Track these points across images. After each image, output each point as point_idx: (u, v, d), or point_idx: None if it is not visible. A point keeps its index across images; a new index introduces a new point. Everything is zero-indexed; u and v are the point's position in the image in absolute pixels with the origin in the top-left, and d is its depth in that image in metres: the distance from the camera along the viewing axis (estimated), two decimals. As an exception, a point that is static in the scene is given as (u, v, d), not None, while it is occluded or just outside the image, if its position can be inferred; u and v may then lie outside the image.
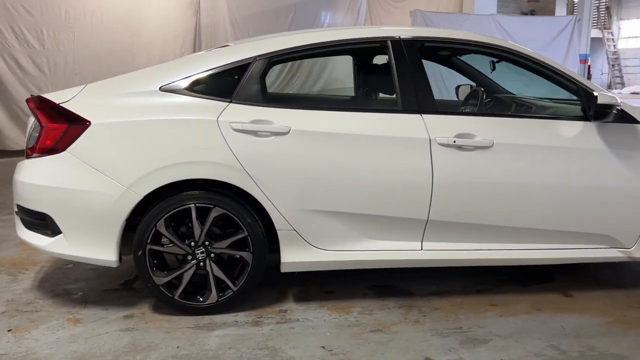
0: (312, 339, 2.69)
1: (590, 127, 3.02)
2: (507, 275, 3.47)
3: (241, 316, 2.92)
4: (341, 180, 2.88)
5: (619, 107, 2.92)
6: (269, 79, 9.54)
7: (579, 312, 2.99)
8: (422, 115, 2.94)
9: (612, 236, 3.10)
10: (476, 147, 2.92)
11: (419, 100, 2.97)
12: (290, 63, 8.97)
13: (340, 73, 10.36)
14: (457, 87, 4.16)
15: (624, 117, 3.04)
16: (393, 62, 3.03)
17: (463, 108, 3.53)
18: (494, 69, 3.83)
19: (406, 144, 2.90)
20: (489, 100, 3.83)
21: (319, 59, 9.47)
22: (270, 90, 5.49)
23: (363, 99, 4.00)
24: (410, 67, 3.01)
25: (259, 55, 2.97)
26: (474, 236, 3.04)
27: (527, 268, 3.46)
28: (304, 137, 2.84)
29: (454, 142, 2.90)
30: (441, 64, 4.44)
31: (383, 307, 3.04)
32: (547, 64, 3.12)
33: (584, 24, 15.28)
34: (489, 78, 3.87)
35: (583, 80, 3.13)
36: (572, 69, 9.83)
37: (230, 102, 2.86)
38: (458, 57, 3.87)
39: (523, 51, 3.14)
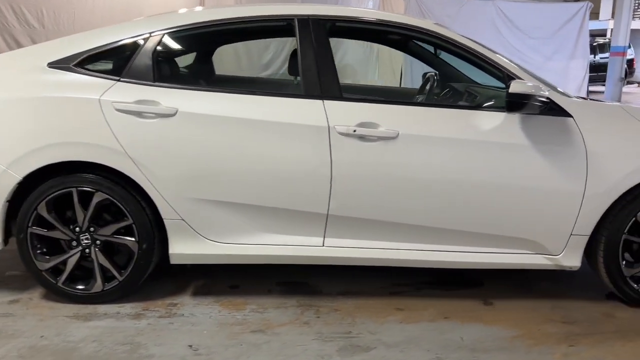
0: (184, 337, 2.53)
1: (512, 119, 2.72)
2: (434, 277, 3.22)
3: (127, 307, 2.78)
4: (231, 168, 2.69)
5: (541, 98, 2.60)
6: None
7: (489, 322, 2.72)
8: (324, 101, 2.71)
9: (536, 241, 2.80)
10: (379, 138, 2.68)
11: (323, 85, 2.73)
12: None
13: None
14: (424, 75, 3.89)
15: (555, 109, 2.73)
16: (298, 42, 2.80)
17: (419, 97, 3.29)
18: (436, 53, 3.56)
19: (303, 132, 2.68)
20: (438, 89, 3.57)
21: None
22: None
23: (265, 81, 3.74)
24: (315, 48, 2.77)
25: (153, 31, 2.79)
26: (379, 234, 2.80)
27: (458, 271, 3.21)
28: (191, 120, 2.65)
29: (354, 131, 2.66)
30: (397, 48, 4.19)
31: (280, 306, 2.84)
32: (470, 47, 2.83)
33: (624, 14, 14.44)
34: (451, 66, 3.60)
35: (511, 66, 2.82)
36: (581, 60, 9.26)
37: (119, 80, 2.71)
38: (416, 42, 3.59)
39: (444, 33, 2.85)
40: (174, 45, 3.05)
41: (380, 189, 2.72)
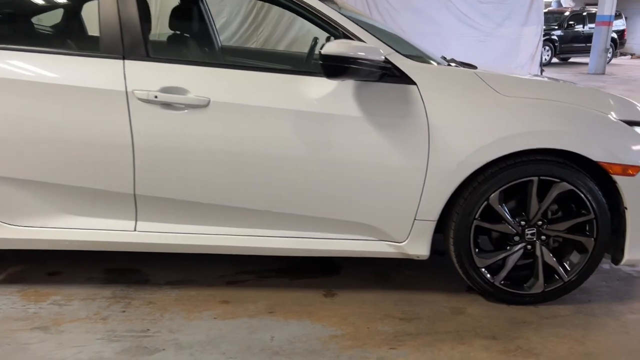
0: (-50, 334, 2.20)
1: (346, 87, 2.34)
2: (288, 264, 2.89)
3: None
4: (12, 138, 2.32)
5: (366, 61, 2.21)
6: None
7: (317, 318, 2.39)
8: (126, 61, 2.33)
9: (376, 226, 2.45)
10: (187, 106, 2.30)
11: (125, 42, 2.34)
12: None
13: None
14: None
15: (397, 75, 2.35)
16: None
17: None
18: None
19: (99, 98, 2.30)
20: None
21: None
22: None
23: (67, 37, 3.23)
24: None
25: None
26: (195, 218, 2.45)
27: (319, 257, 2.87)
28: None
29: (156, 97, 2.29)
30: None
31: (89, 297, 2.51)
32: (298, 1, 2.43)
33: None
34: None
35: (352, 26, 2.42)
36: (535, 27, 8.74)
37: None
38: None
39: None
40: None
41: (190, 166, 2.35)
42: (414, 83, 2.35)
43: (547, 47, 18.17)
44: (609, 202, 2.44)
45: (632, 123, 2.44)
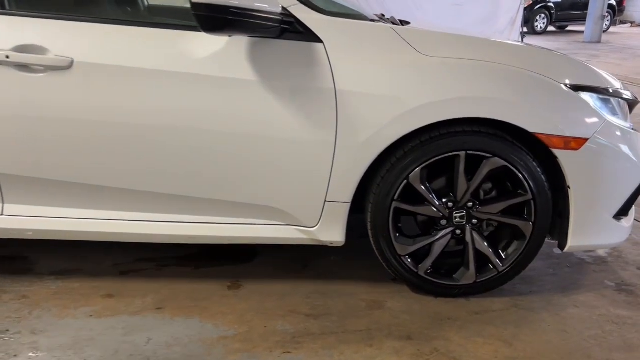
0: None
1: (238, 44, 1.97)
2: (198, 250, 2.57)
3: None
4: None
5: (255, 12, 1.83)
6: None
7: (210, 315, 2.07)
8: (-19, 16, 1.96)
9: (282, 210, 2.12)
10: (47, 68, 1.94)
11: None
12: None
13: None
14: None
15: (301, 31, 1.98)
16: None
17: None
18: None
19: (-58, 60, 1.94)
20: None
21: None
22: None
23: None
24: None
25: None
26: (73, 200, 2.11)
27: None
28: None
29: (7, 57, 1.93)
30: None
31: (-46, 290, 2.20)
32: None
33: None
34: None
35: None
36: None
37: None
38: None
39: None
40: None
41: (54, 139, 2.00)
42: (320, 41, 1.99)
43: (542, 15, 17.59)
44: (554, 181, 2.11)
45: (582, 89, 2.08)
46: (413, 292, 2.26)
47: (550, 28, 18.06)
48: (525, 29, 16.42)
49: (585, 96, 2.06)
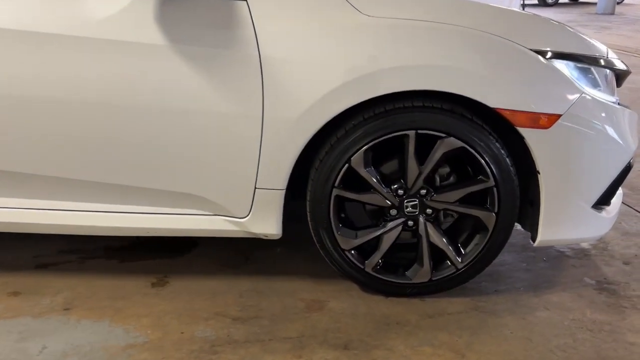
0: None
1: (145, 3, 1.68)
2: (135, 240, 2.31)
3: None
4: None
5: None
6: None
7: (119, 318, 1.80)
8: None
9: (206, 197, 1.84)
10: None
11: None
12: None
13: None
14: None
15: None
16: None
17: None
18: None
19: None
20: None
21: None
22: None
23: None
24: None
25: None
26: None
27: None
28: None
29: None
30: None
31: None
32: None
33: None
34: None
35: None
36: None
37: None
38: None
39: None
40: None
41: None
42: (243, -1, 1.69)
43: (555, -15, 16.95)
44: (525, 164, 1.80)
45: (556, 55, 1.75)
46: (362, 291, 1.98)
47: (563, 0, 17.47)
48: (536, 1, 15.94)
49: (559, 64, 1.74)
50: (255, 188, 1.81)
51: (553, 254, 2.29)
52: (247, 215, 1.86)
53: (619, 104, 1.91)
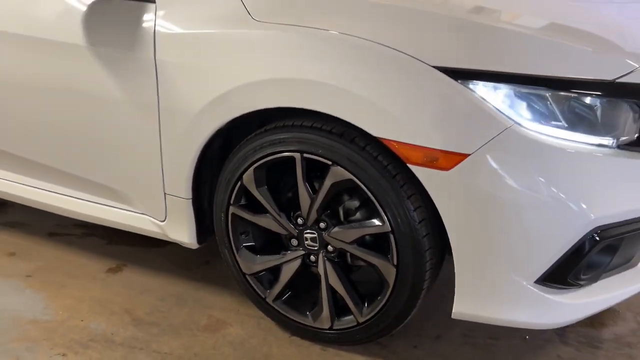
0: None
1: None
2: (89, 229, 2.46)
3: None
4: None
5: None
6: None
7: (55, 296, 1.95)
8: None
9: (126, 193, 1.87)
10: None
11: None
12: None
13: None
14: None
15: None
16: None
17: None
18: None
19: None
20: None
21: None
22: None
23: None
24: None
25: None
26: None
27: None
28: None
29: None
30: None
31: None
32: None
33: None
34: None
35: None
36: None
37: None
38: None
39: None
40: None
41: None
42: (152, 1, 1.65)
43: None
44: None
45: (478, 75, 1.31)
46: (275, 324, 1.80)
47: None
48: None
49: (482, 87, 1.30)
50: (165, 194, 1.77)
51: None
52: (165, 220, 1.83)
53: (617, 146, 1.36)
